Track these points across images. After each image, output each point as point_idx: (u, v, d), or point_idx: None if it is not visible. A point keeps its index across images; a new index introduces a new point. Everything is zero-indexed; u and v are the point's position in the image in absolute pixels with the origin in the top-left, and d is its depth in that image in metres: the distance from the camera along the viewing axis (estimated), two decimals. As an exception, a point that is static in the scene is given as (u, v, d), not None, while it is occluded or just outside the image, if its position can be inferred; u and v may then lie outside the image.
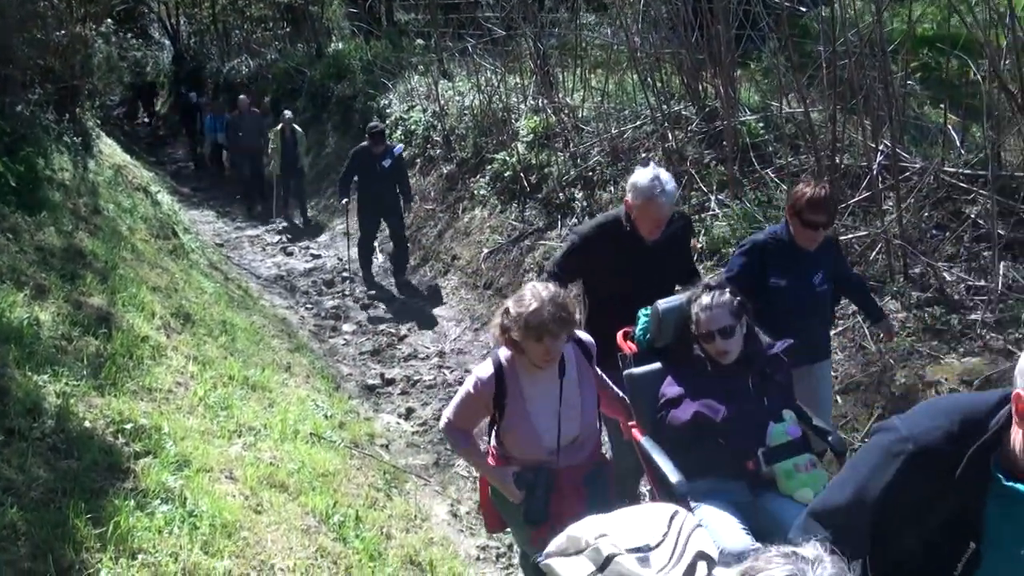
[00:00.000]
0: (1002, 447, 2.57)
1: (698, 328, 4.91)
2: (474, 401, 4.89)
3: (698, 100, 11.24)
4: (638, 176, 5.90)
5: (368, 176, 13.67)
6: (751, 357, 4.96)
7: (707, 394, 4.82)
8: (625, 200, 6.06)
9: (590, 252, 6.17)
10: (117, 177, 12.86)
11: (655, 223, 5.93)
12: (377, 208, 13.93)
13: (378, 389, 10.24)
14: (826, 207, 5.75)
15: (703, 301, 4.91)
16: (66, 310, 6.94)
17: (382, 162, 13.48)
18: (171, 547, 4.48)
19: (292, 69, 24.46)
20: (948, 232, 8.13)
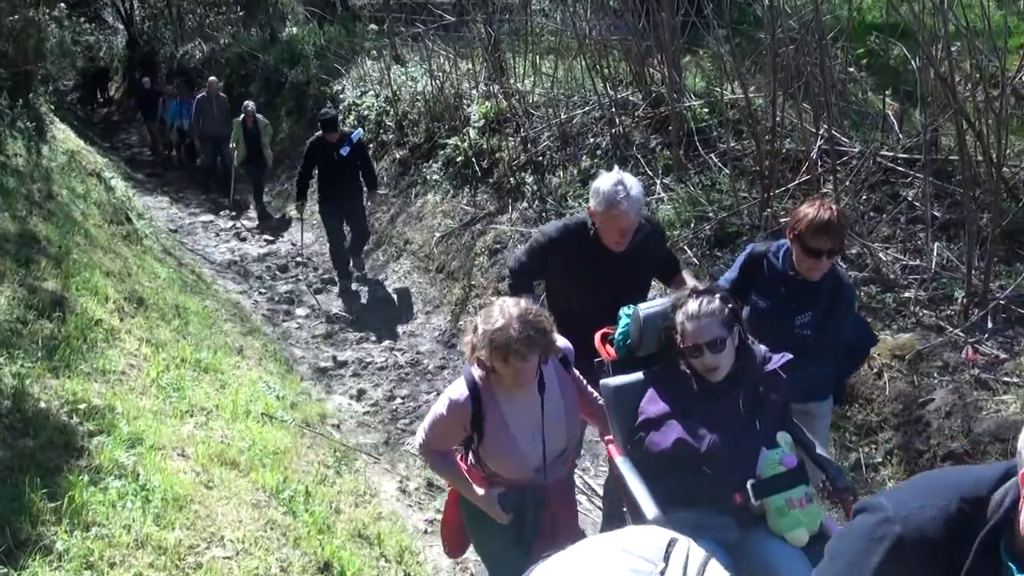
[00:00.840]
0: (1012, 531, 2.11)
1: (683, 340, 4.34)
2: (449, 424, 4.55)
3: (645, 86, 11.42)
4: (601, 181, 5.49)
5: (327, 169, 13.01)
6: (743, 373, 4.39)
7: (692, 416, 4.28)
8: (589, 207, 5.64)
9: (552, 254, 5.86)
10: (71, 162, 12.89)
11: (619, 232, 5.52)
12: (340, 205, 13.12)
13: (330, 371, 10.40)
14: (831, 231, 4.99)
15: (689, 308, 4.34)
16: (21, 294, 7.05)
17: (340, 151, 12.76)
18: (124, 520, 4.65)
19: (246, 54, 24.38)
20: (885, 214, 8.36)
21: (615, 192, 5.38)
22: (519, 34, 14.67)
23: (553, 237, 5.89)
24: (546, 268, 6.04)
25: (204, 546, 4.80)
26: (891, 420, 6.58)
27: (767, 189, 8.83)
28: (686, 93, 10.91)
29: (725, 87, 10.38)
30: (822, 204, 5.10)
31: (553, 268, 5.97)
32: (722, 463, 4.17)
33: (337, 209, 13.20)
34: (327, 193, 13.11)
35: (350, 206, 13.25)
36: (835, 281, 5.35)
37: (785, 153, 9.30)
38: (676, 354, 4.42)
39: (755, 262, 5.45)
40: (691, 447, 4.20)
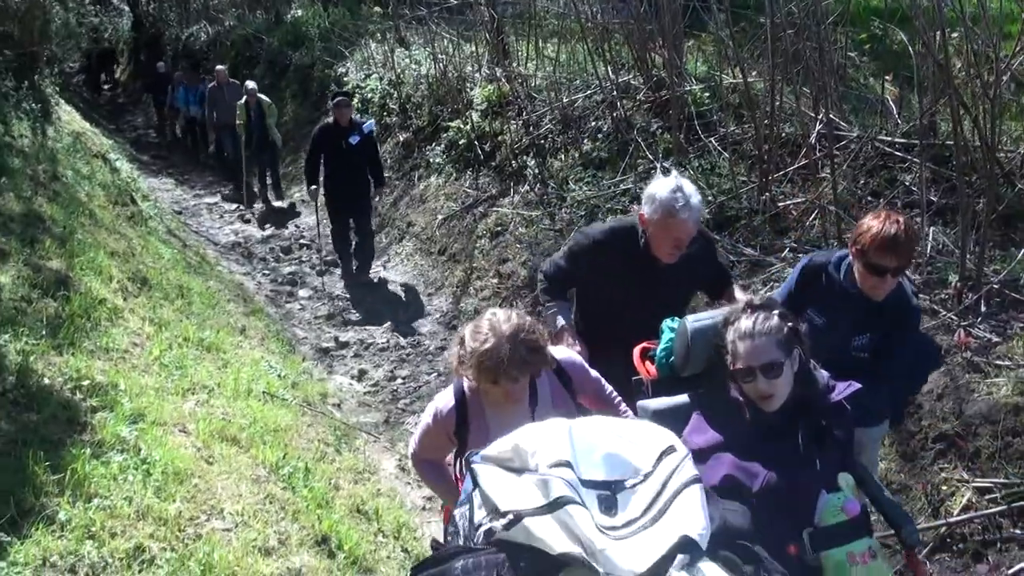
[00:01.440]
0: None
1: (734, 361, 3.75)
2: (435, 433, 4.33)
3: (646, 70, 11.47)
4: (657, 187, 5.00)
5: (334, 157, 12.33)
6: (804, 404, 3.79)
7: (744, 450, 3.70)
8: (640, 213, 5.12)
9: (595, 259, 5.35)
10: (76, 144, 12.96)
11: (674, 244, 5.05)
12: (346, 198, 12.52)
13: (332, 352, 10.51)
14: (899, 248, 4.41)
15: (742, 326, 3.75)
16: (26, 273, 7.13)
17: (349, 139, 12.13)
18: (125, 492, 4.75)
19: (251, 36, 24.39)
20: (882, 199, 8.41)
21: (673, 200, 4.90)
22: (522, 17, 14.72)
23: (598, 240, 5.39)
24: (585, 274, 5.52)
25: (204, 518, 4.90)
26: (884, 402, 6.64)
27: (766, 173, 8.90)
28: (687, 77, 10.97)
29: (726, 71, 10.44)
30: (888, 217, 4.49)
31: (593, 274, 5.46)
32: (776, 508, 3.54)
33: (344, 204, 12.64)
34: (333, 185, 12.57)
35: (358, 203, 12.68)
36: (900, 300, 4.74)
37: (784, 137, 9.37)
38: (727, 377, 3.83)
39: (813, 275, 4.89)
40: (742, 486, 3.60)
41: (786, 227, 8.60)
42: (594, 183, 10.71)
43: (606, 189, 10.42)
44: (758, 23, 10.15)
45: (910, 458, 6.24)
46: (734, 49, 9.87)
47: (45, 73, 13.64)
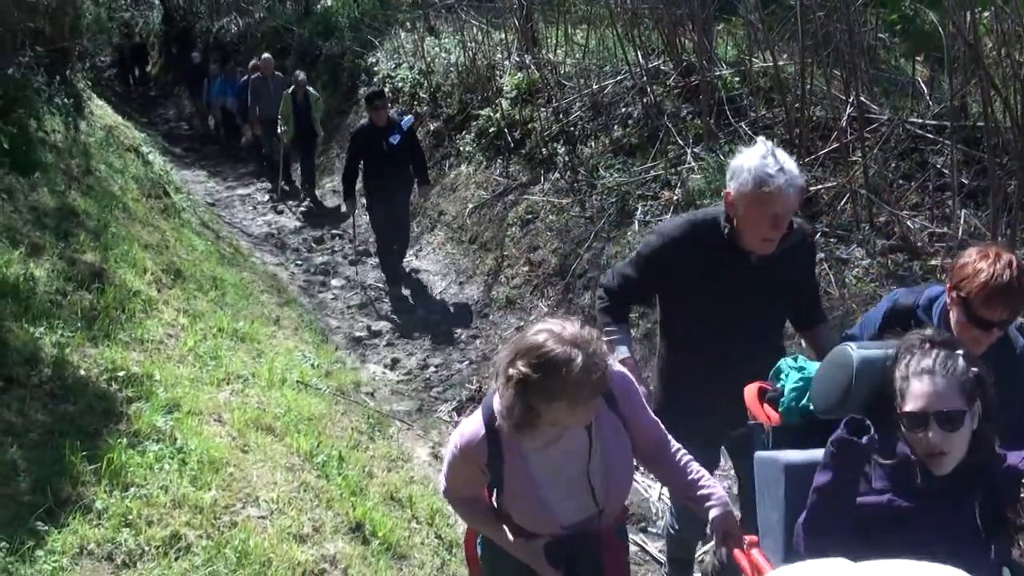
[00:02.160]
0: None
1: (903, 403, 3.01)
2: (465, 468, 3.58)
3: (676, 55, 11.43)
4: (743, 157, 4.18)
5: (375, 162, 11.50)
6: (979, 471, 3.06)
7: (908, 524, 3.00)
8: (725, 193, 4.23)
9: (673, 262, 4.39)
10: (109, 138, 13.05)
11: (771, 223, 4.11)
12: (391, 203, 11.75)
13: (365, 341, 10.56)
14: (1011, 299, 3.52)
15: (920, 362, 3.02)
16: (60, 266, 7.20)
17: (389, 139, 11.34)
18: (161, 481, 4.82)
19: (281, 27, 24.46)
20: (913, 182, 8.37)
21: (765, 166, 4.04)
22: (551, 4, 14.72)
23: (675, 237, 4.43)
24: (662, 282, 4.59)
25: (239, 506, 4.96)
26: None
27: (797, 157, 8.85)
28: (717, 62, 10.93)
29: (756, 55, 10.40)
30: (998, 257, 3.56)
31: (674, 282, 4.50)
32: None
33: (388, 209, 11.79)
34: (376, 190, 11.75)
35: (402, 205, 12.11)
36: (1005, 350, 3.81)
37: (815, 121, 9.32)
38: (893, 423, 3.08)
39: (899, 317, 4.02)
40: None
41: (818, 211, 8.56)
42: (624, 169, 10.69)
43: (637, 175, 10.39)
44: (788, 6, 10.10)
45: None
46: (764, 32, 9.84)
47: (77, 68, 13.74)
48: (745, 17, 10.68)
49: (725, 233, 4.29)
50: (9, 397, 5.11)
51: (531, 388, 3.11)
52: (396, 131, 11.43)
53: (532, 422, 3.20)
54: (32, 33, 12.06)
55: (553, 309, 10.02)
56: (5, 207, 7.80)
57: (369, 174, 11.72)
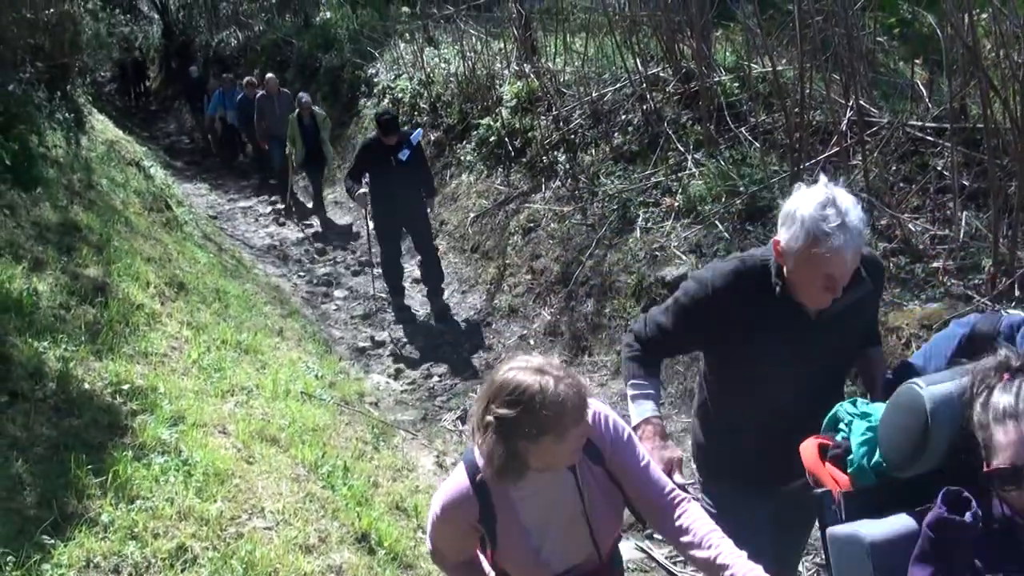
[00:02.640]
0: None
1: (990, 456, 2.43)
2: (453, 528, 3.35)
3: (675, 61, 11.45)
4: (798, 202, 3.44)
5: (382, 175, 11.26)
6: None
7: None
8: (774, 242, 3.56)
9: (717, 313, 3.73)
10: (110, 152, 13.08)
11: (824, 285, 3.46)
12: (396, 215, 11.40)
13: (368, 351, 10.60)
14: None
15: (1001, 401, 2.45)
16: (63, 281, 7.21)
17: (398, 155, 11.04)
18: (167, 493, 4.82)
19: (280, 40, 24.54)
20: (914, 184, 8.37)
21: (823, 219, 3.33)
22: (550, 13, 14.74)
23: (718, 287, 3.75)
24: (702, 337, 4.00)
25: (245, 517, 4.96)
26: (920, 389, 6.58)
27: (797, 162, 8.86)
28: (716, 68, 10.95)
29: (755, 60, 10.41)
30: None
31: (717, 336, 3.86)
32: None
33: (395, 224, 11.59)
34: (383, 204, 11.43)
35: (415, 222, 11.60)
36: None
37: (815, 125, 9.33)
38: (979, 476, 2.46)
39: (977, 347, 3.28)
40: None
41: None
42: (625, 176, 10.71)
43: (638, 182, 10.42)
44: (786, 11, 10.12)
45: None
46: (762, 38, 9.84)
47: (77, 83, 13.78)
48: (743, 23, 10.70)
49: (777, 287, 3.64)
50: (14, 411, 5.11)
51: (513, 428, 2.94)
52: (406, 147, 11.10)
53: (517, 468, 3.03)
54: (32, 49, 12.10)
55: (556, 317, 10.04)
56: (7, 223, 7.81)
57: (376, 187, 11.39)
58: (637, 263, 9.42)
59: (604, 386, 8.71)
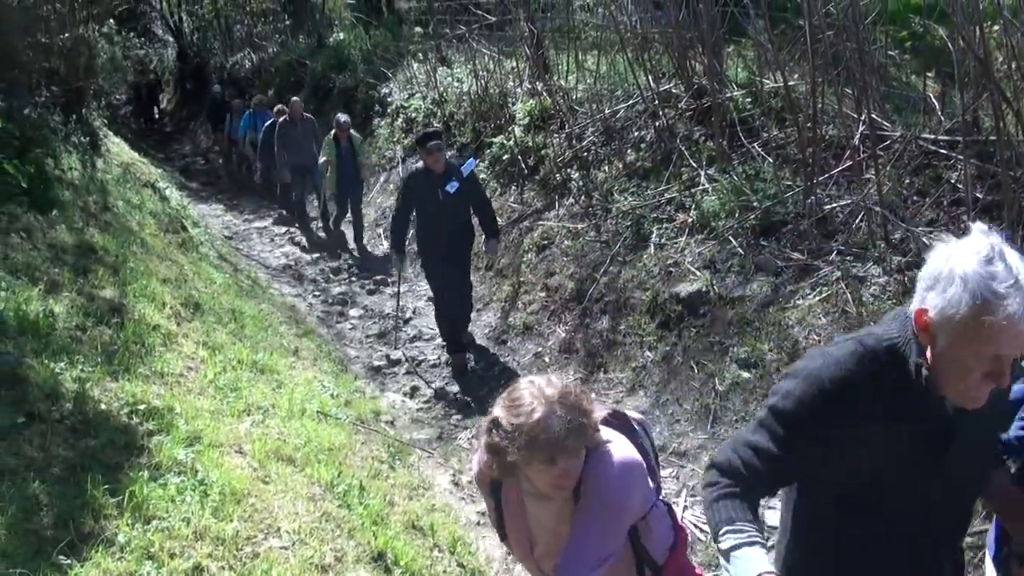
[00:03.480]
0: None
1: None
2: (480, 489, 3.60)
3: (687, 78, 11.47)
4: (954, 257, 2.59)
5: (428, 212, 10.09)
6: None
7: None
8: (918, 311, 2.65)
9: (835, 418, 2.75)
10: (125, 174, 13.13)
11: (993, 368, 2.56)
12: (446, 258, 10.32)
13: (384, 369, 10.61)
14: None
15: None
16: (79, 302, 7.25)
17: (446, 186, 9.86)
18: (183, 513, 4.82)
19: (294, 61, 24.67)
20: (927, 198, 8.36)
21: (991, 277, 2.49)
22: (562, 31, 14.78)
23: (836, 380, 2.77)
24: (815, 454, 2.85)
25: (261, 537, 4.97)
26: (936, 403, 6.55)
27: (810, 177, 8.86)
28: (728, 83, 10.96)
29: (766, 76, 10.42)
30: None
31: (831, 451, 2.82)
32: None
33: (445, 265, 10.39)
34: (429, 243, 10.39)
35: (459, 261, 10.63)
36: None
37: (827, 140, 9.33)
38: None
39: None
40: None
41: (833, 230, 8.56)
42: (639, 193, 10.72)
43: (651, 198, 10.42)
44: (797, 26, 10.11)
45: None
46: (774, 53, 9.85)
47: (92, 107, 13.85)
48: (755, 38, 10.71)
49: (921, 376, 2.70)
50: (31, 432, 5.13)
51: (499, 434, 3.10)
52: (454, 177, 9.96)
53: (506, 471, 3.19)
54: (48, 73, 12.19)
55: (571, 334, 10.04)
56: (24, 245, 7.86)
57: (422, 227, 10.39)
58: (651, 279, 9.43)
59: (620, 403, 8.70)
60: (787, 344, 7.73)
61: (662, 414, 8.30)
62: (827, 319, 7.75)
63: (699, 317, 8.68)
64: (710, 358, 8.29)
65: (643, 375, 8.87)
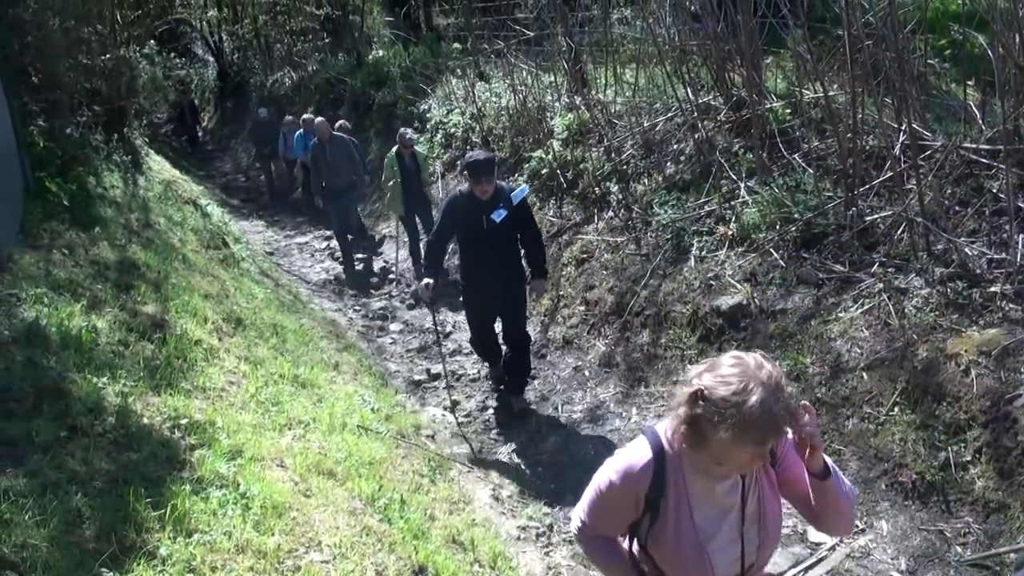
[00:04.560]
0: None
1: None
2: (620, 497, 3.29)
3: (726, 90, 11.43)
4: None
5: (471, 241, 8.99)
6: None
7: None
8: None
9: None
10: (167, 192, 13.26)
11: None
12: (487, 291, 9.12)
13: (424, 384, 10.62)
14: None
15: None
16: (122, 318, 7.32)
17: (491, 215, 8.69)
18: (225, 526, 4.84)
19: (333, 78, 24.82)
20: (969, 208, 8.28)
21: None
22: (600, 45, 14.77)
23: None
24: None
25: (302, 551, 4.97)
26: (979, 417, 6.45)
27: (851, 188, 8.80)
28: (767, 94, 10.90)
29: (806, 86, 10.36)
30: None
31: None
32: None
33: (488, 300, 9.29)
34: (473, 277, 9.24)
35: (508, 299, 9.30)
36: None
37: (868, 150, 9.27)
38: None
39: None
40: None
41: (874, 242, 8.49)
42: (678, 206, 10.69)
43: (691, 211, 10.39)
44: (836, 36, 10.06)
45: (1007, 475, 6.10)
46: (813, 63, 9.79)
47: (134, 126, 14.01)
48: (793, 49, 10.65)
49: None
50: (74, 446, 5.17)
51: (705, 407, 2.95)
52: (502, 204, 8.76)
53: (698, 440, 3.03)
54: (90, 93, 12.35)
55: (611, 348, 10.00)
56: (66, 261, 7.94)
57: (465, 258, 9.28)
58: (692, 292, 9.39)
59: (660, 417, 8.66)
60: (829, 357, 7.68)
61: None
62: (869, 332, 7.69)
63: (740, 330, 8.64)
64: (751, 371, 8.23)
65: (684, 389, 8.81)
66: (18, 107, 9.62)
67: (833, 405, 7.40)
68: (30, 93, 10.60)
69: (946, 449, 6.52)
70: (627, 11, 16.05)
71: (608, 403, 9.31)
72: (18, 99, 9.76)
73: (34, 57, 10.94)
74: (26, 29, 10.74)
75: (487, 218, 8.67)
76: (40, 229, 8.56)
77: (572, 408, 9.47)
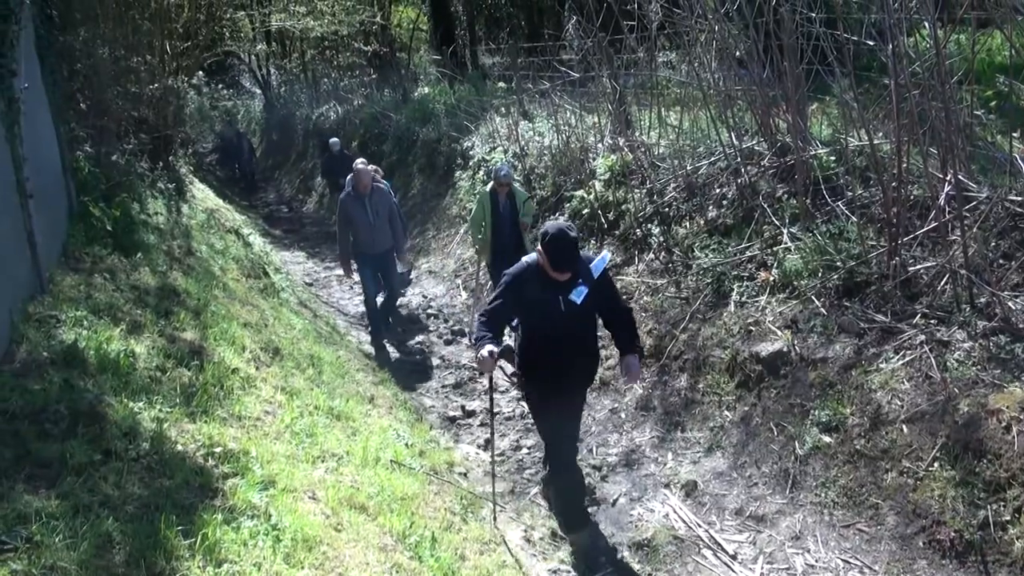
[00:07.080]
0: None
1: None
2: None
3: (770, 135, 11.40)
4: None
5: (541, 323, 7.11)
6: None
7: None
8: None
9: None
10: (210, 220, 13.35)
11: None
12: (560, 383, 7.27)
13: (459, 420, 10.58)
14: None
15: None
16: (160, 344, 7.34)
17: (570, 295, 6.88)
18: (255, 557, 4.81)
19: (379, 114, 24.99)
20: (1014, 261, 8.20)
21: None
22: (644, 87, 14.79)
23: None
24: None
25: (332, 585, 4.95)
26: (1020, 476, 6.33)
27: (895, 237, 8.73)
28: (812, 141, 10.86)
29: (851, 134, 10.31)
30: None
31: None
32: None
33: (556, 391, 7.37)
34: (541, 369, 7.32)
35: (573, 401, 7.72)
36: None
37: (912, 200, 9.20)
38: None
39: None
40: None
41: (917, 292, 8.42)
42: (720, 250, 10.64)
43: (732, 256, 10.33)
44: (882, 84, 10.02)
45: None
46: (859, 111, 9.76)
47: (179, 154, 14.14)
48: (839, 96, 10.61)
49: None
50: (107, 470, 5.17)
51: None
52: (582, 281, 6.95)
53: None
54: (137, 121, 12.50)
55: (648, 391, 9.95)
56: (107, 286, 7.99)
57: (531, 345, 7.36)
58: (731, 338, 9.33)
59: (697, 464, 8.59)
60: (869, 409, 7.59)
61: (739, 476, 8.18)
62: (910, 384, 7.60)
63: (780, 378, 8.57)
64: (790, 420, 8.17)
65: (721, 436, 8.76)
66: (66, 132, 9.74)
67: (872, 458, 7.31)
68: (78, 119, 10.73)
69: (985, 507, 6.41)
70: (672, 55, 16.10)
71: (644, 447, 9.24)
72: (66, 125, 9.88)
73: (83, 84, 11.09)
74: (76, 57, 10.89)
75: (565, 300, 6.91)
76: (83, 252, 8.63)
77: (607, 451, 9.41)
